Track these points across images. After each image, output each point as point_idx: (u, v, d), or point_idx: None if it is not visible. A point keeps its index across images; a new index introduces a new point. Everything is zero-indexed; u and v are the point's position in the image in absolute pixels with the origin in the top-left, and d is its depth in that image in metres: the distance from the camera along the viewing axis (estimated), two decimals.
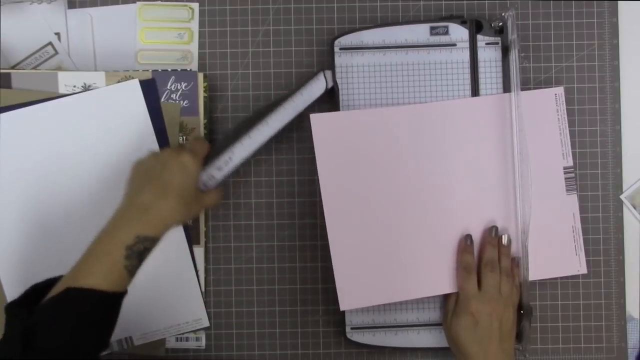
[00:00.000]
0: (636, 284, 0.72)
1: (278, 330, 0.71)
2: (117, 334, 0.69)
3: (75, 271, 0.56)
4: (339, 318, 0.70)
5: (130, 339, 0.70)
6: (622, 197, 0.72)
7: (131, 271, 0.56)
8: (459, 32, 0.70)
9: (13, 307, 0.55)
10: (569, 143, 0.70)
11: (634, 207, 0.72)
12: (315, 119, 0.68)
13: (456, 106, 0.70)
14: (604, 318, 0.72)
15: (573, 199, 0.70)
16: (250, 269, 0.72)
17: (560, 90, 0.70)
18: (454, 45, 0.70)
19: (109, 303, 0.56)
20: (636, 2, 0.73)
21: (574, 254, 0.70)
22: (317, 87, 0.69)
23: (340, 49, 0.70)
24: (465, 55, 0.70)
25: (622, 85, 0.72)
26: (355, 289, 0.68)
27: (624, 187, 0.72)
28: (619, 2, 0.72)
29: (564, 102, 0.70)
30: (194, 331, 0.71)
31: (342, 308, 0.68)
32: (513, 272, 0.67)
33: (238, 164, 0.65)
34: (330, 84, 0.69)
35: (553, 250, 0.70)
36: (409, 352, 0.71)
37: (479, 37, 0.70)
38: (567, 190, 0.70)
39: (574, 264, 0.70)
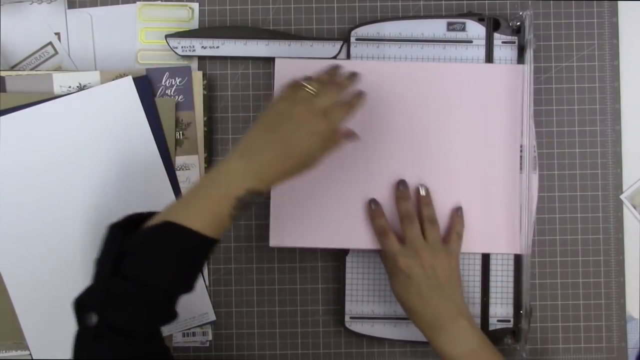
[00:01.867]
0: (636, 284, 0.72)
1: (278, 330, 0.71)
2: None
3: (179, 208, 0.55)
4: (339, 318, 0.70)
5: None
6: (622, 197, 0.72)
7: (234, 219, 0.56)
8: (476, 30, 0.70)
9: (113, 228, 0.56)
10: (533, 121, 0.69)
11: (634, 207, 0.72)
12: (281, 63, 0.69)
13: (443, 70, 0.69)
14: (604, 318, 0.72)
15: (533, 178, 0.69)
16: (250, 269, 0.72)
17: (529, 67, 0.70)
18: (470, 42, 0.70)
19: (202, 247, 0.55)
20: (636, 2, 0.73)
21: (518, 233, 0.69)
22: (328, 49, 0.70)
23: (357, 39, 0.70)
24: (481, 52, 0.70)
25: (622, 85, 0.72)
26: (287, 228, 0.68)
27: (624, 187, 0.72)
28: (619, 2, 0.72)
29: (533, 81, 0.69)
30: (200, 326, 0.71)
31: (271, 244, 0.68)
32: (456, 223, 0.67)
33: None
34: (342, 57, 0.70)
35: (497, 226, 0.69)
36: (409, 346, 0.71)
37: (496, 35, 0.70)
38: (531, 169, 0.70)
39: (515, 243, 0.69)
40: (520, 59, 0.70)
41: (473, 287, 0.70)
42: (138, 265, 0.53)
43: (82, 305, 0.53)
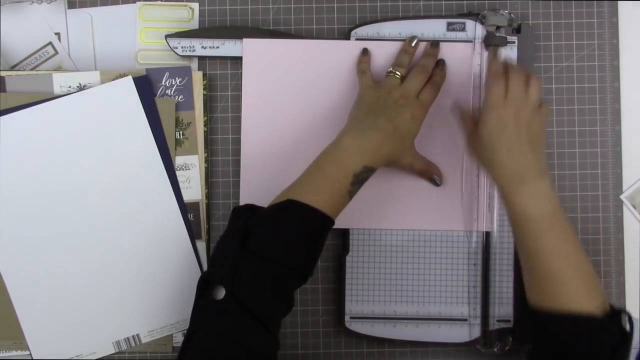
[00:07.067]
0: (636, 284, 0.72)
1: None
2: (124, 331, 0.70)
3: (300, 187, 0.58)
4: (339, 318, 0.70)
5: (137, 337, 0.70)
6: (622, 197, 0.72)
7: (351, 195, 0.60)
8: (476, 30, 0.70)
9: (238, 208, 0.59)
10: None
11: (634, 207, 0.72)
12: (248, 43, 0.70)
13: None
14: None
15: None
16: None
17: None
18: (470, 42, 0.70)
19: (321, 225, 0.58)
20: (636, 2, 0.73)
21: (485, 211, 0.70)
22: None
23: (357, 39, 0.70)
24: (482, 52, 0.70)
25: (622, 85, 0.72)
26: (255, 188, 0.70)
27: (624, 187, 0.72)
28: (619, 2, 0.72)
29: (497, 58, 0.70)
30: None
31: (242, 202, 0.70)
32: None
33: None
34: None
35: (469, 206, 0.70)
36: (409, 346, 0.71)
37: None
38: None
39: (486, 221, 0.70)
40: (520, 59, 0.70)
41: (474, 286, 0.70)
42: (262, 241, 0.55)
43: (209, 280, 0.55)
